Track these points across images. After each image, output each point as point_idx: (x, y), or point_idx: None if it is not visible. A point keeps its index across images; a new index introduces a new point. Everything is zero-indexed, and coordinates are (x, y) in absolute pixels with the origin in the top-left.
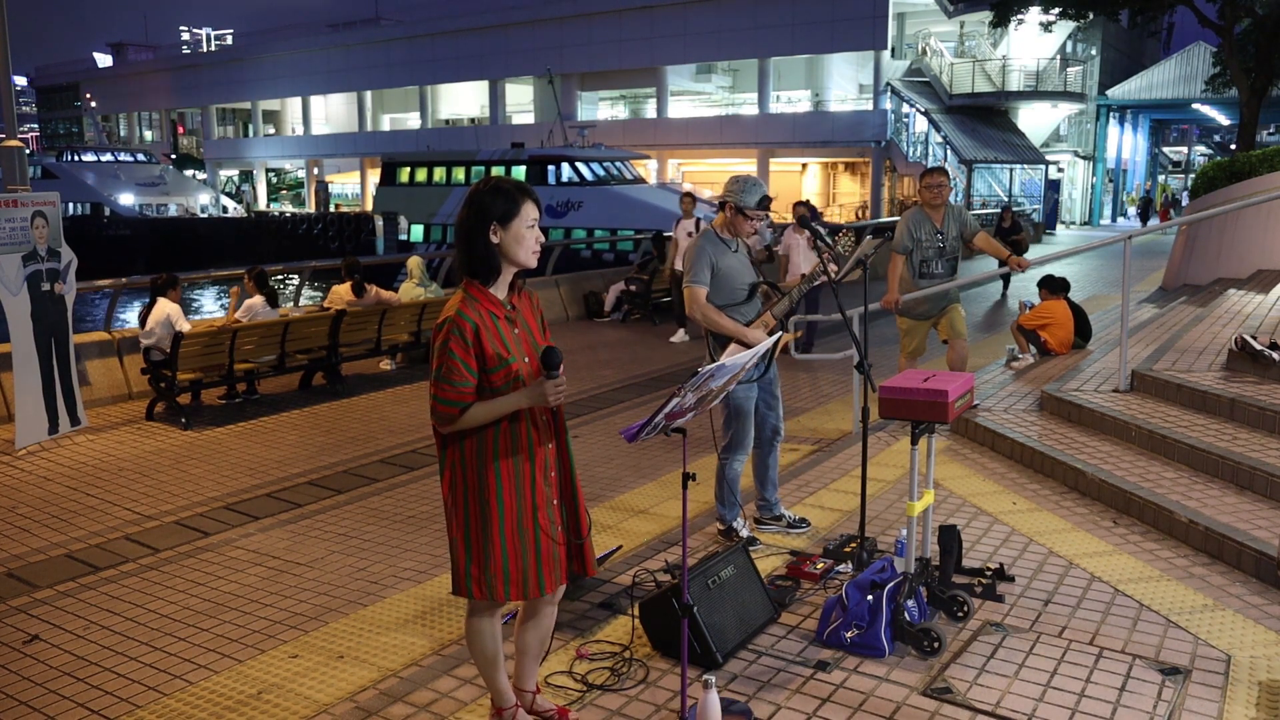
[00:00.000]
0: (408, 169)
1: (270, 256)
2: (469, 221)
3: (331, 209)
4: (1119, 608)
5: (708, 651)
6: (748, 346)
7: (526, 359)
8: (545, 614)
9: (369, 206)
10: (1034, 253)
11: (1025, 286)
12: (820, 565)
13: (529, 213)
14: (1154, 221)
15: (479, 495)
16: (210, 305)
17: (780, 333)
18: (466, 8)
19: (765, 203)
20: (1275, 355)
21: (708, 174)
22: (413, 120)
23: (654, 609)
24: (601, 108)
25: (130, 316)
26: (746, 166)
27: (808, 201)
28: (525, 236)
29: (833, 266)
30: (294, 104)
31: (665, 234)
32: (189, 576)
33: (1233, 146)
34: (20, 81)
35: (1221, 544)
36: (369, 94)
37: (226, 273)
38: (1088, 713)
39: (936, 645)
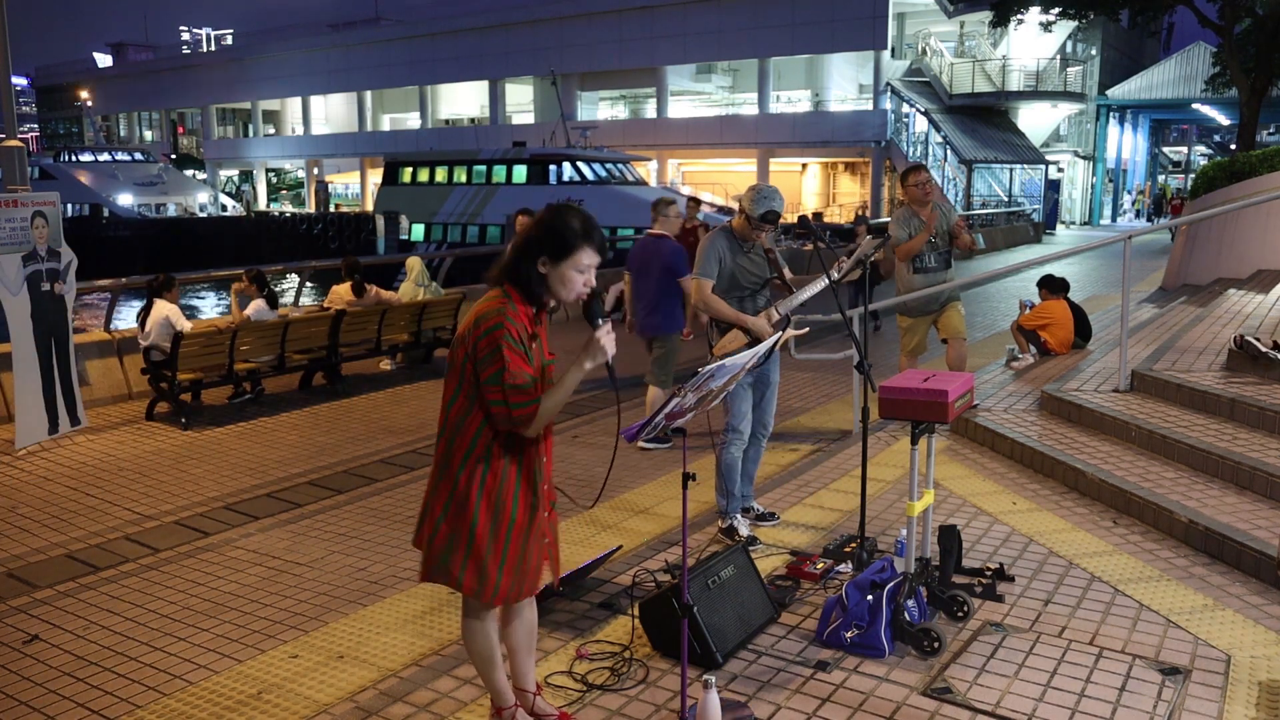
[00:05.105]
0: (410, 169)
1: (270, 256)
2: (529, 243)
3: (331, 209)
4: (1119, 608)
5: (708, 651)
6: (748, 333)
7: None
8: (525, 607)
9: (369, 206)
10: (1034, 253)
11: (1024, 286)
12: (820, 565)
13: (584, 258)
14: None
15: (497, 494)
16: (209, 310)
17: (784, 328)
18: (466, 8)
19: (769, 217)
20: (1279, 356)
21: (708, 174)
22: (413, 120)
23: (654, 609)
24: (601, 108)
25: (120, 316)
26: (746, 167)
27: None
28: (572, 279)
29: (845, 262)
30: (294, 104)
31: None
32: (189, 576)
33: (1233, 146)
34: (20, 82)
35: (1221, 544)
36: (369, 94)
37: (225, 273)
38: (1088, 713)
39: (936, 645)
